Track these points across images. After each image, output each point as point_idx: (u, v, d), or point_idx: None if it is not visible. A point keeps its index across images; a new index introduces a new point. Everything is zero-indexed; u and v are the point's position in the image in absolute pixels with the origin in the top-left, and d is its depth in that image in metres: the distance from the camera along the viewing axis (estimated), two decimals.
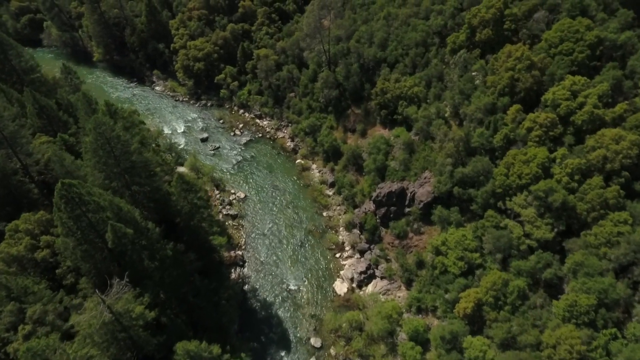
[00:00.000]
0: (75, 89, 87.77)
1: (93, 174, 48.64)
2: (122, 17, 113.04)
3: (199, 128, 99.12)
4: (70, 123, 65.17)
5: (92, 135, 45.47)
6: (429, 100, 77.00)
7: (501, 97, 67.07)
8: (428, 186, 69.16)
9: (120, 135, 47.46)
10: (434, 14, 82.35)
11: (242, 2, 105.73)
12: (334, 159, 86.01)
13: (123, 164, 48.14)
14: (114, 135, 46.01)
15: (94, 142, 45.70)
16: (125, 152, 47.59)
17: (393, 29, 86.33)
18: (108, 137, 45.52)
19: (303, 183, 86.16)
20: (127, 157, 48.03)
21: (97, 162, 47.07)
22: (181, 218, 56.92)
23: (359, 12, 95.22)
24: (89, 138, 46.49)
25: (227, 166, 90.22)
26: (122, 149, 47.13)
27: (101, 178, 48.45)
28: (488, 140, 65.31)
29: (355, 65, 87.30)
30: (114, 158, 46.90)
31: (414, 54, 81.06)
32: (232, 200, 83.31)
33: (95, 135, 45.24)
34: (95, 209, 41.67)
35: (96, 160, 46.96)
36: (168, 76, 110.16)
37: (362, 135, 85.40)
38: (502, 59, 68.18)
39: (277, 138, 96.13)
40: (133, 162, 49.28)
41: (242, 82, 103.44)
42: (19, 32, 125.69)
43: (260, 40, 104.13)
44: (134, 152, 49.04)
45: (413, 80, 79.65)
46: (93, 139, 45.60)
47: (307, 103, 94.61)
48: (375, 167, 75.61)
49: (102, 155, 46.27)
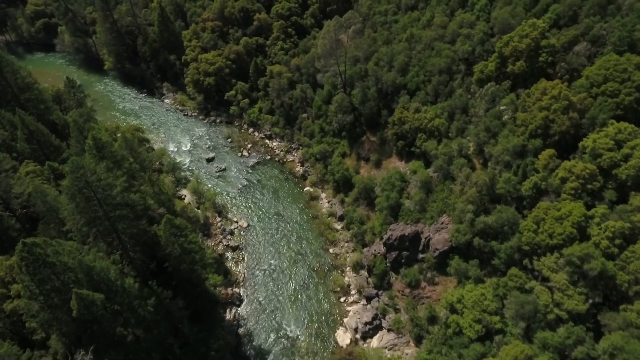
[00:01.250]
0: (79, 104, 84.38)
1: (72, 218, 44.10)
2: (135, 26, 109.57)
3: (205, 146, 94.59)
4: (62, 148, 61.11)
5: (70, 178, 40.86)
6: (451, 134, 70.30)
7: (532, 138, 59.97)
8: (445, 233, 62.56)
9: (102, 178, 42.70)
10: (461, 38, 75.53)
11: (258, 15, 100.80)
12: (345, 189, 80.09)
13: (105, 209, 43.39)
14: (94, 179, 41.27)
15: (71, 187, 41.09)
16: (107, 196, 42.81)
17: (415, 52, 79.81)
18: (88, 180, 40.79)
19: (310, 214, 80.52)
20: (110, 201, 43.25)
21: (75, 207, 42.47)
22: (170, 262, 51.98)
23: (379, 31, 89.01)
24: (66, 181, 41.91)
25: (231, 190, 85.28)
26: (103, 194, 42.36)
27: (81, 222, 43.85)
28: (515, 187, 58.33)
29: (372, 89, 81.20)
30: (94, 203, 42.18)
31: (436, 82, 74.42)
32: (234, 229, 78.25)
33: (73, 179, 40.59)
34: (63, 270, 37.04)
35: (74, 205, 42.35)
36: (178, 89, 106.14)
37: (377, 166, 79.23)
38: (536, 95, 61.05)
39: (287, 161, 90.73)
40: (117, 205, 44.48)
41: (253, 99, 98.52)
42: (33, 36, 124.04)
43: (274, 56, 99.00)
44: (118, 195, 44.21)
45: (434, 110, 73.09)
46: (70, 182, 40.98)
47: (319, 126, 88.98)
48: (388, 204, 69.36)
49: (80, 201, 41.64)
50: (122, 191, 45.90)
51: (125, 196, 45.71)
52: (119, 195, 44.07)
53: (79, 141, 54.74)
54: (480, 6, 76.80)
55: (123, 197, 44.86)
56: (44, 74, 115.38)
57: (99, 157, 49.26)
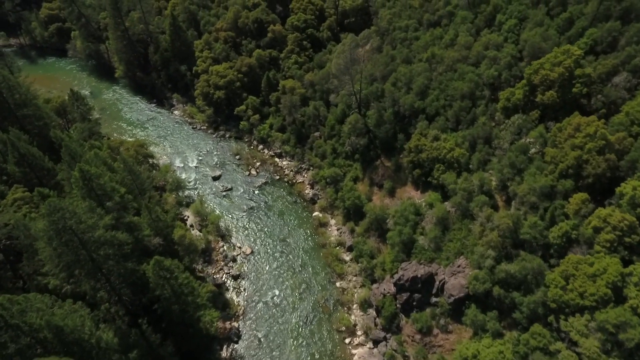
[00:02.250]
0: (83, 117, 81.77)
1: (51, 261, 40.63)
2: (147, 34, 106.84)
3: (213, 163, 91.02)
4: (56, 170, 58.00)
5: (46, 222, 37.32)
6: (472, 166, 64.99)
7: (563, 179, 54.39)
8: (462, 277, 57.38)
9: (83, 220, 39.07)
10: (487, 61, 70.04)
11: (272, 27, 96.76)
12: (356, 218, 75.36)
13: (86, 252, 39.79)
14: (72, 222, 37.62)
15: (48, 230, 37.57)
16: (90, 238, 39.19)
17: (436, 74, 74.55)
18: (66, 225, 37.18)
19: (318, 241, 76.07)
20: (92, 243, 39.63)
21: (53, 251, 38.97)
22: (160, 305, 48.21)
23: (399, 49, 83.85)
24: (41, 224, 38.41)
25: (237, 212, 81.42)
26: (84, 236, 38.73)
27: (59, 267, 40.34)
28: (542, 234, 52.86)
29: (389, 111, 76.31)
30: (74, 247, 38.61)
31: (458, 108, 69.12)
32: (237, 255, 74.35)
33: (50, 223, 37.06)
34: (29, 331, 33.51)
35: (51, 250, 38.85)
36: (188, 100, 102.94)
37: (390, 194, 74.29)
38: (568, 131, 55.36)
39: (296, 183, 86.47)
40: (101, 245, 40.82)
41: (264, 114, 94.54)
42: (46, 40, 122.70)
43: (287, 70, 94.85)
44: (102, 237, 40.53)
45: (454, 139, 67.87)
46: (46, 226, 37.45)
47: (332, 146, 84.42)
48: (400, 240, 64.42)
49: (58, 245, 38.10)
50: (108, 230, 42.17)
51: (111, 236, 42.06)
52: (103, 237, 40.38)
53: (70, 166, 51.46)
54: (509, 27, 71.13)
55: (106, 238, 41.20)
56: (54, 80, 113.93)
57: (86, 190, 45.79)
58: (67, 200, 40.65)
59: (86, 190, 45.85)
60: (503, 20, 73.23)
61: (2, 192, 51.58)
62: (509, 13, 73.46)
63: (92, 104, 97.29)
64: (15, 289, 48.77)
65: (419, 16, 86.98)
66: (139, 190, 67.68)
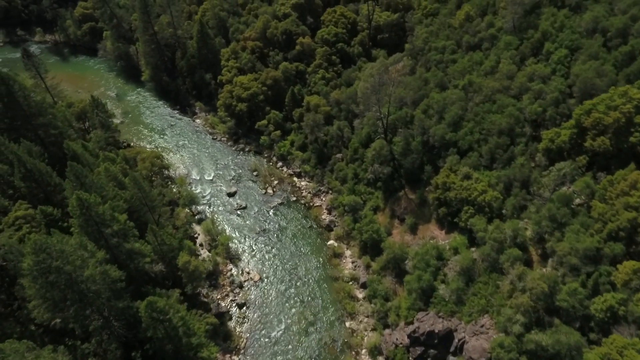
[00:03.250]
0: (102, 125, 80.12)
1: (37, 298, 37.77)
2: (175, 38, 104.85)
3: (229, 177, 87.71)
4: (64, 185, 55.64)
5: (31, 260, 34.33)
6: (505, 212, 58.71)
7: (612, 241, 47.64)
8: (484, 340, 51.36)
9: (69, 261, 35.89)
10: (531, 94, 63.52)
11: (301, 39, 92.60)
12: (373, 252, 70.07)
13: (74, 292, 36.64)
14: (57, 265, 34.47)
15: (32, 269, 34.60)
16: (76, 281, 35.98)
17: (472, 104, 68.43)
18: (52, 266, 34.09)
19: (330, 273, 71.27)
20: (80, 285, 36.40)
21: (37, 291, 36.05)
22: (152, 345, 44.76)
23: (433, 71, 78.02)
24: (26, 262, 35.47)
25: (248, 234, 77.68)
26: (71, 276, 35.54)
27: (46, 304, 37.40)
28: (582, 303, 46.29)
29: (417, 140, 70.78)
30: (59, 288, 35.51)
31: (494, 144, 62.91)
32: (244, 281, 70.54)
33: (34, 263, 34.04)
34: None
35: (37, 289, 35.94)
36: (210, 110, 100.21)
37: (412, 231, 68.75)
38: (622, 186, 48.52)
39: (313, 206, 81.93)
40: (91, 284, 37.60)
41: (286, 130, 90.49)
42: (79, 38, 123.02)
43: (313, 85, 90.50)
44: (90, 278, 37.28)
45: (488, 178, 61.70)
46: (31, 266, 34.47)
47: (354, 170, 79.40)
48: (419, 286, 58.88)
49: (43, 286, 35.11)
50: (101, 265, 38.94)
51: (102, 273, 38.82)
52: (92, 277, 37.15)
53: (75, 187, 48.84)
54: (559, 57, 64.22)
55: (96, 278, 37.91)
56: (82, 79, 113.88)
57: (84, 219, 42.87)
58: (54, 237, 37.63)
59: (83, 219, 43.03)
60: (552, 49, 66.35)
61: (5, 207, 49.69)
62: (559, 41, 66.49)
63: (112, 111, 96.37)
64: (7, 314, 46.64)
65: (457, 37, 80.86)
66: (149, 208, 65.02)
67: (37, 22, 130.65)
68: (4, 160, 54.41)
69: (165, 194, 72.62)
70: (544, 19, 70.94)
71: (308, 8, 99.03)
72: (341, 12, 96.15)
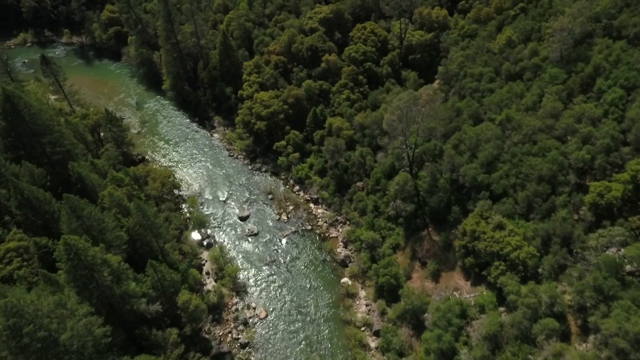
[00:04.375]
0: (115, 140, 77.43)
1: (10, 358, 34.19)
2: (198, 48, 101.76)
3: (243, 199, 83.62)
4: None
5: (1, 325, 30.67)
6: (542, 271, 52.13)
7: None
8: None
9: (44, 325, 32.10)
10: (578, 138, 56.69)
11: (327, 57, 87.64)
12: (389, 297, 64.45)
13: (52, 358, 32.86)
14: (28, 330, 30.70)
15: (1, 333, 30.96)
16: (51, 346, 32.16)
17: (510, 143, 61.92)
18: (24, 331, 30.33)
19: (342, 316, 66.04)
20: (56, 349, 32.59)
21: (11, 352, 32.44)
22: None
23: (467, 101, 71.75)
24: None
25: (258, 264, 73.30)
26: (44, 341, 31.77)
27: None
28: None
29: (445, 177, 64.86)
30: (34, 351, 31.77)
31: (532, 191, 56.33)
32: (249, 318, 66.10)
33: (4, 327, 30.38)
34: None
35: (9, 351, 32.33)
36: (229, 124, 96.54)
37: (433, 277, 62.87)
38: None
39: (329, 237, 76.81)
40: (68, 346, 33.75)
41: (305, 151, 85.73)
42: (104, 42, 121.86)
43: (337, 106, 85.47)
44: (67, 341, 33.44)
45: (523, 229, 55.21)
46: (1, 328, 30.83)
47: (374, 202, 73.95)
48: (438, 347, 52.92)
49: (14, 351, 31.45)
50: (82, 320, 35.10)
51: (83, 333, 34.98)
52: (69, 342, 33.35)
53: (69, 226, 45.50)
54: (612, 98, 57.04)
55: (73, 343, 34.12)
56: (103, 84, 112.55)
57: (71, 264, 39.25)
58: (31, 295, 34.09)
59: (71, 265, 39.52)
60: (605, 87, 59.19)
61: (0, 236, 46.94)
62: (613, 79, 59.30)
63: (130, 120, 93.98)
64: None
65: (496, 64, 74.35)
66: (153, 235, 61.48)
67: (65, 23, 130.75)
68: (3, 182, 51.82)
69: (172, 220, 68.93)
70: (596, 51, 63.76)
71: (337, 23, 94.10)
72: (371, 28, 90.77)
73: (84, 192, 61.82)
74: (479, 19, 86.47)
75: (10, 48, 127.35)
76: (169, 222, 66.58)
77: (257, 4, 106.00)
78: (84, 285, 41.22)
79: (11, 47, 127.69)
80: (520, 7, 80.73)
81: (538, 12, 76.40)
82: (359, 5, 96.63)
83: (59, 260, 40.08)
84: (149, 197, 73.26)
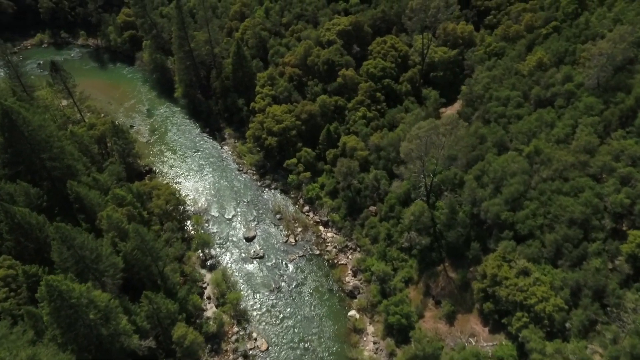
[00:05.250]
0: (121, 152, 74.86)
1: None
2: (212, 56, 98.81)
3: (250, 217, 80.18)
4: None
5: None
6: (570, 327, 47.14)
7: None
8: None
9: None
10: (616, 178, 51.38)
11: (344, 71, 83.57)
12: (399, 336, 60.16)
13: None
14: None
15: None
16: None
17: (538, 179, 56.87)
18: None
19: (348, 353, 61.89)
20: None
21: None
22: None
23: (492, 127, 66.88)
24: None
25: (261, 290, 69.71)
26: None
27: None
28: None
29: (465, 210, 60.21)
30: None
31: (562, 235, 51.32)
32: (250, 350, 62.50)
33: None
34: None
35: None
36: (240, 137, 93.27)
37: (448, 319, 58.34)
38: None
39: (337, 264, 72.80)
40: None
41: (317, 170, 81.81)
42: (119, 46, 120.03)
43: (352, 124, 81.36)
44: None
45: (551, 277, 50.24)
46: None
47: (387, 230, 69.63)
48: None
49: None
50: None
51: None
52: None
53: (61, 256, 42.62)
54: None
55: None
56: (115, 88, 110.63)
57: (53, 306, 36.22)
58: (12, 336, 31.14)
59: (54, 307, 36.56)
60: None
61: None
62: None
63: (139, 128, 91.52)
64: None
65: (525, 87, 69.23)
66: (153, 259, 58.42)
67: (82, 24, 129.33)
68: None
69: (173, 244, 65.83)
70: (638, 80, 58.17)
71: (355, 35, 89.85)
72: (392, 43, 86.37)
73: (83, 211, 59.16)
74: (507, 36, 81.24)
75: (27, 48, 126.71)
76: (169, 245, 63.38)
77: (274, 12, 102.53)
78: (68, 326, 38.31)
79: (27, 48, 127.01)
80: (553, 25, 75.31)
81: (573, 33, 70.91)
82: (379, 18, 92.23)
83: (41, 302, 37.19)
84: (152, 214, 70.43)
